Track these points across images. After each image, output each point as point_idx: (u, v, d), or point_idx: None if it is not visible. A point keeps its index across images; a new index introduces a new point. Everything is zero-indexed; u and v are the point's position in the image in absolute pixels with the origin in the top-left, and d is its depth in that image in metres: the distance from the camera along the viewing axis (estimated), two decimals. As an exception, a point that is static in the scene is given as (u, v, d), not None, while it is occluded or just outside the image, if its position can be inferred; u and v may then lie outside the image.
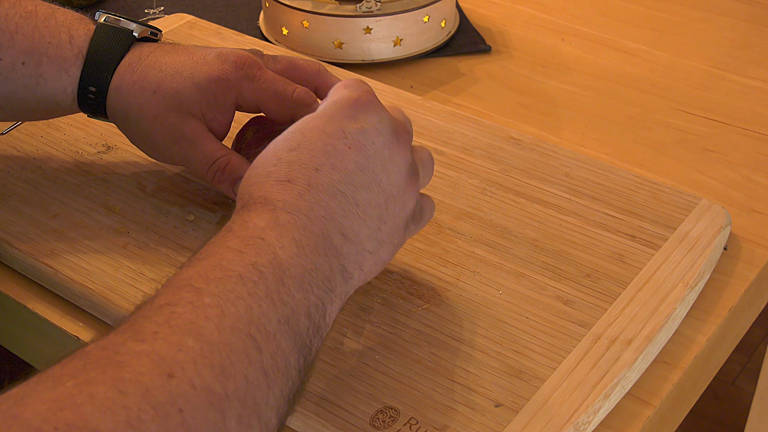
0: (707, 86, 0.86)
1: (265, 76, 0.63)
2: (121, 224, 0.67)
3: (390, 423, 0.53)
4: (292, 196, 0.49)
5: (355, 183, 0.51)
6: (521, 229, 0.65)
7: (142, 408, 0.38)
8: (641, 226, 0.65)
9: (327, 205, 0.50)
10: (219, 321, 0.43)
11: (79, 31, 0.66)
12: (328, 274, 0.49)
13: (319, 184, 0.50)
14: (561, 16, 0.98)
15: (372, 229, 0.51)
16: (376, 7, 0.87)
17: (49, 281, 0.64)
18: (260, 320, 0.44)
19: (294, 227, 0.48)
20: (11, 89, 0.65)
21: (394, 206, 0.53)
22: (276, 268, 0.46)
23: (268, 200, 0.49)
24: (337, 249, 0.50)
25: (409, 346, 0.57)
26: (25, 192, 0.70)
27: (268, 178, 0.51)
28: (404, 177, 0.54)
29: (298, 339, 0.46)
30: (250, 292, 0.44)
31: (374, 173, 0.52)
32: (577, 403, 0.53)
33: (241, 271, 0.45)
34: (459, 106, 0.84)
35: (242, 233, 0.48)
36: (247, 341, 0.43)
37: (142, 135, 0.66)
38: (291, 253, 0.47)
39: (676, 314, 0.59)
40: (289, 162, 0.51)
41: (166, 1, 1.00)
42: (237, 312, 0.43)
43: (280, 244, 0.47)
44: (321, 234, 0.49)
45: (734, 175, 0.75)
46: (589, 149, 0.78)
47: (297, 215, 0.49)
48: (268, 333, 0.44)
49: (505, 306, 0.60)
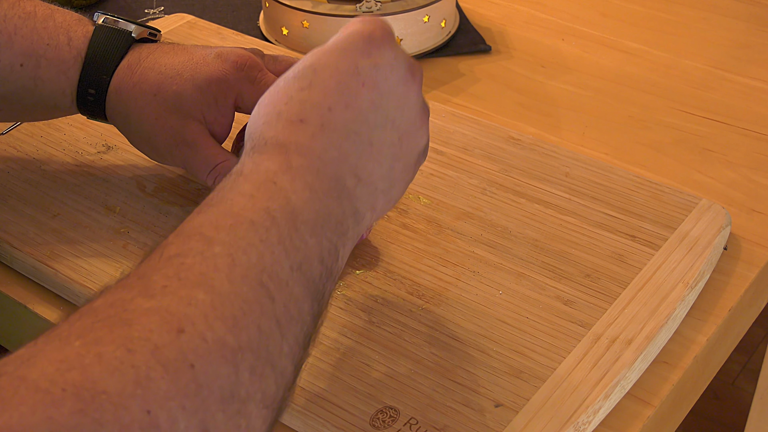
0: (707, 86, 0.86)
1: (265, 78, 0.63)
2: (121, 224, 0.67)
3: (390, 423, 0.53)
4: (305, 138, 0.48)
5: (370, 122, 0.49)
6: (521, 229, 0.65)
7: (151, 366, 0.37)
8: (641, 226, 0.65)
9: (340, 147, 0.48)
10: (230, 271, 0.41)
11: (77, 32, 0.65)
12: (340, 217, 0.47)
13: (332, 124, 0.48)
14: (561, 16, 0.98)
15: (385, 168, 0.50)
16: (376, 7, 0.87)
17: (49, 281, 0.64)
18: (273, 268, 0.43)
19: (307, 170, 0.47)
20: (9, 90, 0.65)
21: (408, 144, 0.52)
22: (289, 213, 0.45)
23: (280, 142, 0.48)
24: (350, 191, 0.48)
25: (409, 346, 0.57)
26: (25, 192, 0.70)
27: (279, 117, 0.49)
28: (418, 114, 0.52)
29: (311, 285, 0.45)
30: (262, 239, 0.43)
31: (388, 111, 0.50)
32: (577, 403, 0.53)
33: (253, 217, 0.44)
34: (459, 106, 0.84)
35: (253, 177, 0.46)
36: (259, 290, 0.42)
37: (143, 138, 0.65)
38: (304, 198, 0.46)
39: (676, 314, 0.59)
40: (300, 101, 0.49)
41: (166, 1, 1.00)
42: (248, 260, 0.42)
43: (293, 188, 0.46)
44: (334, 177, 0.48)
45: (734, 175, 0.75)
46: (589, 149, 0.78)
47: (310, 158, 0.47)
48: (281, 280, 0.43)
49: (505, 306, 0.60)
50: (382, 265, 0.63)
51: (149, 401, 0.36)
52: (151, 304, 0.39)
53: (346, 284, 0.62)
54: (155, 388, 0.36)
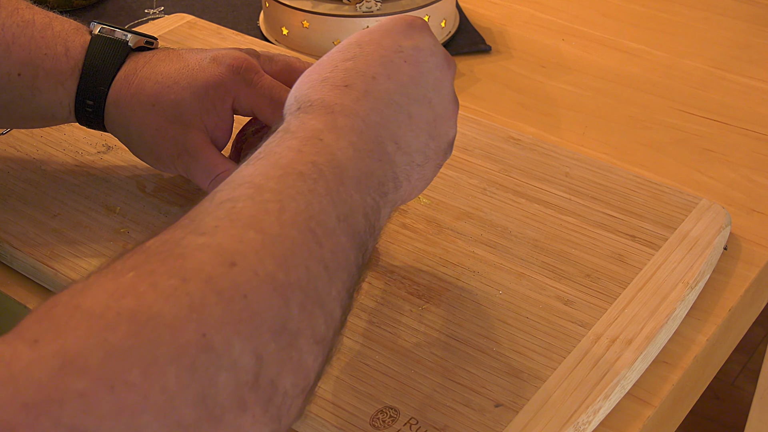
0: (707, 86, 0.86)
1: (262, 81, 0.63)
2: (121, 224, 0.67)
3: (390, 423, 0.53)
4: (349, 100, 0.50)
5: (410, 95, 0.52)
6: (521, 229, 0.65)
7: (206, 293, 0.38)
8: (641, 226, 0.65)
9: (382, 113, 0.51)
10: (279, 215, 0.43)
11: (75, 42, 0.65)
12: (381, 178, 0.49)
13: (375, 92, 0.51)
14: (561, 16, 0.98)
15: (421, 143, 0.52)
16: (376, 7, 0.87)
17: (49, 281, 0.64)
18: (320, 216, 0.44)
19: (351, 131, 0.49)
20: (7, 100, 0.65)
21: (441, 126, 0.54)
22: (335, 168, 0.47)
23: (325, 102, 0.50)
24: (390, 156, 0.50)
25: (409, 346, 0.57)
26: (25, 192, 0.70)
27: (325, 82, 0.51)
28: (451, 101, 0.55)
29: (356, 236, 0.46)
30: (309, 189, 0.45)
31: (426, 90, 0.53)
32: (577, 403, 0.53)
33: (301, 169, 0.45)
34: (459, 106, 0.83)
35: (300, 134, 0.48)
36: (307, 234, 0.43)
37: (145, 148, 0.65)
38: (348, 155, 0.48)
39: (676, 314, 0.59)
40: (345, 69, 0.51)
41: (166, 1, 1.00)
42: (297, 207, 0.44)
43: (338, 145, 0.48)
44: (376, 140, 0.50)
45: (734, 175, 0.75)
46: (589, 149, 0.78)
47: (354, 119, 0.49)
48: (328, 228, 0.44)
49: (505, 306, 0.60)
50: (382, 265, 0.63)
51: (205, 324, 0.37)
52: (203, 241, 0.41)
53: (346, 284, 0.62)
54: (210, 313, 0.37)
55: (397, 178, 0.51)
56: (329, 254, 0.44)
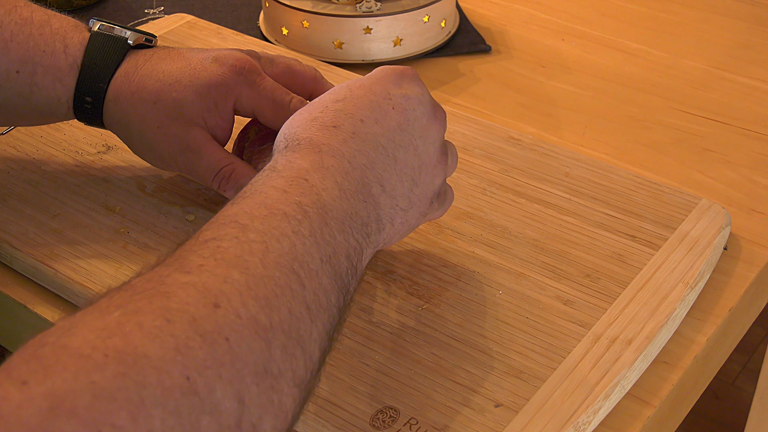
0: (707, 86, 0.86)
1: (264, 83, 0.64)
2: (121, 224, 0.67)
3: (390, 423, 0.53)
4: (337, 141, 0.51)
5: (396, 141, 0.53)
6: (521, 229, 0.65)
7: (190, 336, 0.38)
8: (641, 226, 0.65)
9: (369, 155, 0.52)
10: (263, 256, 0.44)
11: (73, 39, 0.65)
12: (365, 219, 0.50)
13: (362, 134, 0.52)
14: (561, 16, 0.98)
15: (406, 188, 0.53)
16: (376, 7, 0.87)
17: (49, 281, 0.64)
18: (304, 257, 0.45)
19: (337, 171, 0.50)
20: (5, 97, 0.65)
21: (426, 174, 0.55)
22: (320, 209, 0.47)
23: (313, 142, 0.51)
24: (375, 198, 0.51)
25: (409, 346, 0.57)
26: (25, 192, 0.70)
27: (314, 122, 0.52)
28: (437, 150, 0.56)
29: (338, 278, 0.47)
30: (294, 230, 0.46)
31: (413, 137, 0.54)
32: (577, 403, 0.53)
33: (286, 210, 0.46)
34: (459, 106, 0.84)
35: (286, 173, 0.49)
36: (290, 276, 0.44)
37: (146, 146, 0.65)
38: (333, 196, 0.49)
39: (676, 314, 0.59)
40: (335, 110, 0.53)
41: (166, 1, 1.00)
42: (281, 248, 0.44)
43: (324, 186, 0.49)
44: (361, 181, 0.51)
45: (734, 175, 0.75)
46: (589, 149, 0.78)
47: (340, 160, 0.50)
48: (311, 270, 0.45)
49: (505, 306, 0.60)
50: (382, 265, 0.63)
51: (189, 368, 0.38)
52: (187, 279, 0.41)
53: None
54: (194, 356, 0.38)
55: (381, 220, 0.52)
56: (311, 296, 0.45)
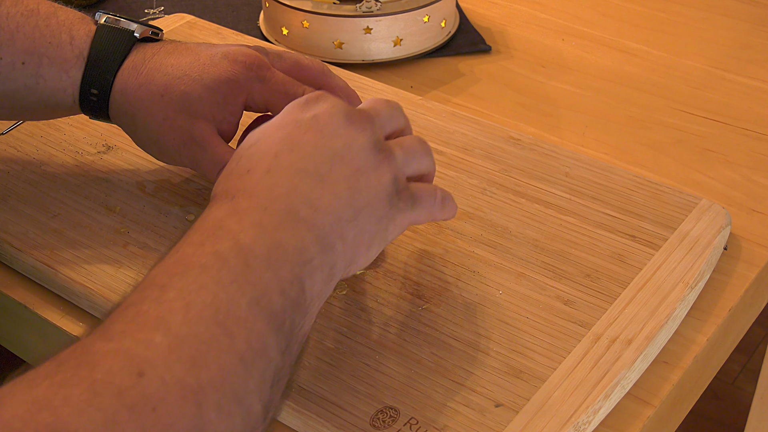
0: (707, 86, 0.86)
1: (274, 77, 0.64)
2: (121, 224, 0.67)
3: (390, 423, 0.53)
4: (250, 184, 0.50)
5: (316, 160, 0.51)
6: (521, 229, 0.65)
7: (117, 409, 0.38)
8: (641, 226, 0.65)
9: (289, 183, 0.50)
10: (185, 313, 0.43)
11: (80, 31, 0.65)
12: (299, 246, 0.48)
13: (278, 167, 0.51)
14: (561, 16, 0.98)
15: (345, 198, 0.51)
16: (376, 7, 0.87)
17: (49, 281, 0.64)
18: (228, 306, 0.44)
19: (254, 210, 0.48)
20: (11, 89, 0.65)
21: (366, 178, 0.52)
22: (239, 252, 0.46)
23: (228, 192, 0.50)
24: (308, 221, 0.49)
25: (409, 346, 0.57)
26: (25, 192, 0.70)
27: (230, 174, 0.51)
28: (370, 152, 0.53)
29: (273, 317, 0.45)
30: (214, 280, 0.45)
31: (335, 150, 0.52)
32: (577, 403, 0.53)
33: (203, 261, 0.45)
34: (459, 106, 0.84)
35: (202, 227, 0.48)
36: (215, 329, 0.43)
37: (151, 138, 0.65)
38: (252, 235, 0.47)
39: (676, 314, 0.59)
40: (248, 156, 0.52)
41: (166, 1, 1.00)
42: (203, 301, 0.43)
43: (240, 228, 0.47)
44: (285, 210, 0.49)
45: (734, 175, 0.75)
46: (589, 149, 0.78)
47: (256, 198, 0.49)
48: (239, 317, 0.44)
49: (505, 306, 0.60)
50: (382, 265, 0.63)
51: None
52: (111, 347, 0.41)
53: (346, 284, 0.62)
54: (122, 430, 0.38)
55: (325, 239, 0.50)
56: (243, 344, 0.43)
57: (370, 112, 0.55)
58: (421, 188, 0.56)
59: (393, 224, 0.54)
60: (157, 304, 0.43)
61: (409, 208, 0.55)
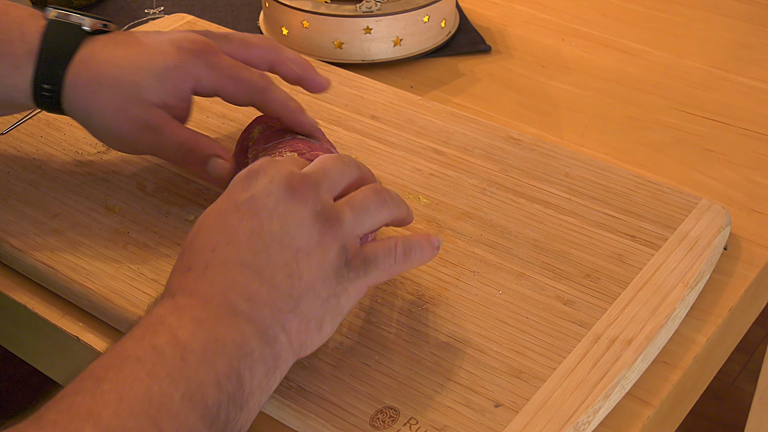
0: (707, 86, 0.86)
1: (221, 62, 0.64)
2: (121, 224, 0.67)
3: (390, 423, 0.53)
4: (189, 282, 0.50)
5: (254, 250, 0.50)
6: (521, 229, 0.65)
7: None
8: (641, 226, 0.65)
9: (226, 278, 0.50)
10: (117, 406, 0.43)
11: (30, 27, 0.65)
12: (238, 341, 0.48)
13: (215, 263, 0.50)
14: (561, 16, 0.98)
15: (284, 288, 0.50)
16: (376, 7, 0.87)
17: (49, 281, 0.64)
18: (161, 399, 0.44)
19: (193, 307, 0.49)
20: None
21: (308, 259, 0.51)
22: (175, 346, 0.46)
23: (170, 290, 0.51)
24: (246, 315, 0.49)
25: (409, 346, 0.57)
26: (25, 192, 0.70)
27: (174, 272, 0.52)
28: (311, 227, 0.51)
29: (206, 412, 0.45)
30: (148, 373, 0.45)
31: (273, 234, 0.51)
32: (577, 403, 0.53)
33: (139, 354, 0.46)
34: (459, 106, 0.84)
35: (145, 322, 0.49)
36: (145, 423, 0.43)
37: (107, 130, 0.66)
38: (190, 330, 0.48)
39: (676, 314, 0.59)
40: (190, 250, 0.52)
41: (166, 1, 1.00)
42: (135, 395, 0.44)
43: (179, 323, 0.48)
44: (224, 305, 0.49)
45: (734, 175, 0.75)
46: (589, 149, 0.78)
47: (195, 296, 0.50)
48: (171, 411, 0.44)
49: (505, 306, 0.60)
50: (382, 265, 0.63)
51: None
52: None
53: (346, 284, 0.61)
54: None
55: (265, 332, 0.49)
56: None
57: (316, 175, 0.54)
58: (377, 248, 0.54)
59: (346, 296, 0.52)
60: (90, 396, 0.44)
61: (362, 275, 0.53)
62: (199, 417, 0.45)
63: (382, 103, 0.78)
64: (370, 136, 0.75)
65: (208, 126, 0.76)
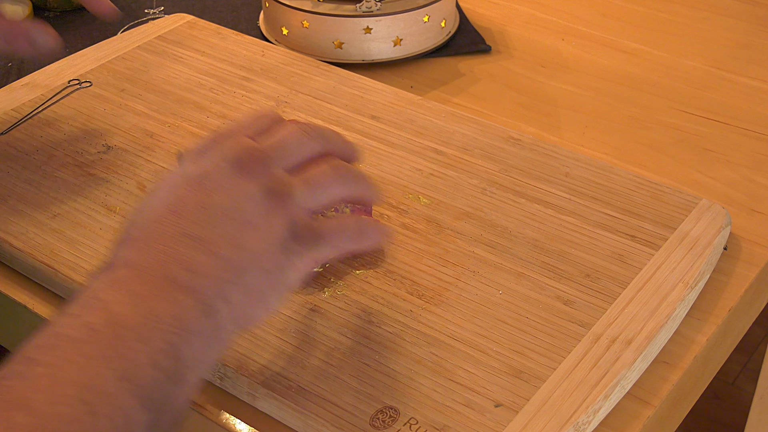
0: (707, 86, 0.86)
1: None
2: (121, 224, 0.67)
3: (390, 423, 0.53)
4: (130, 253, 0.49)
5: (199, 222, 0.49)
6: (521, 229, 0.65)
7: None
8: (641, 226, 0.65)
9: (166, 250, 0.48)
10: (49, 390, 0.42)
11: None
12: (176, 313, 0.47)
13: (158, 234, 0.49)
14: (561, 16, 0.98)
15: (226, 259, 0.49)
16: (376, 7, 0.87)
17: (49, 281, 0.64)
18: (94, 381, 0.43)
19: (131, 279, 0.47)
20: None
21: (254, 231, 0.50)
22: (110, 324, 0.45)
23: (108, 263, 0.49)
24: (186, 285, 0.48)
25: (409, 346, 0.57)
26: (25, 192, 0.70)
27: (117, 246, 0.50)
28: (260, 201, 0.51)
29: (141, 392, 0.44)
30: (81, 353, 0.43)
31: (220, 207, 0.50)
32: (577, 403, 0.53)
33: (73, 334, 0.44)
34: (459, 106, 0.84)
35: (80, 298, 0.47)
36: (78, 407, 0.42)
37: None
38: (126, 305, 0.46)
39: (676, 314, 0.59)
40: (135, 223, 0.50)
41: (166, 1, 1.00)
42: (68, 377, 0.42)
43: (115, 299, 0.46)
44: (163, 276, 0.47)
45: (734, 175, 0.75)
46: (589, 149, 0.78)
47: (133, 268, 0.48)
48: (105, 394, 0.43)
49: (505, 306, 0.60)
50: (382, 265, 0.63)
51: None
52: None
53: (346, 284, 0.62)
54: None
55: (205, 303, 0.48)
56: (106, 422, 0.42)
57: (270, 149, 0.53)
58: (330, 225, 0.53)
59: (293, 270, 0.51)
60: (22, 380, 0.42)
61: (311, 249, 0.52)
62: (135, 397, 0.43)
63: (382, 103, 0.79)
64: (370, 136, 0.75)
65: (208, 126, 0.76)
